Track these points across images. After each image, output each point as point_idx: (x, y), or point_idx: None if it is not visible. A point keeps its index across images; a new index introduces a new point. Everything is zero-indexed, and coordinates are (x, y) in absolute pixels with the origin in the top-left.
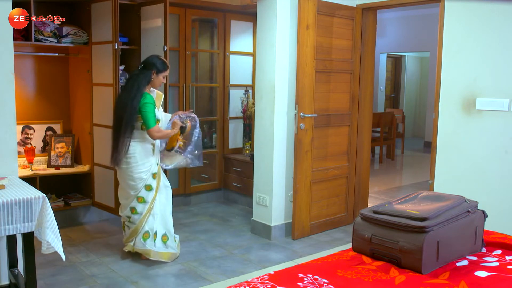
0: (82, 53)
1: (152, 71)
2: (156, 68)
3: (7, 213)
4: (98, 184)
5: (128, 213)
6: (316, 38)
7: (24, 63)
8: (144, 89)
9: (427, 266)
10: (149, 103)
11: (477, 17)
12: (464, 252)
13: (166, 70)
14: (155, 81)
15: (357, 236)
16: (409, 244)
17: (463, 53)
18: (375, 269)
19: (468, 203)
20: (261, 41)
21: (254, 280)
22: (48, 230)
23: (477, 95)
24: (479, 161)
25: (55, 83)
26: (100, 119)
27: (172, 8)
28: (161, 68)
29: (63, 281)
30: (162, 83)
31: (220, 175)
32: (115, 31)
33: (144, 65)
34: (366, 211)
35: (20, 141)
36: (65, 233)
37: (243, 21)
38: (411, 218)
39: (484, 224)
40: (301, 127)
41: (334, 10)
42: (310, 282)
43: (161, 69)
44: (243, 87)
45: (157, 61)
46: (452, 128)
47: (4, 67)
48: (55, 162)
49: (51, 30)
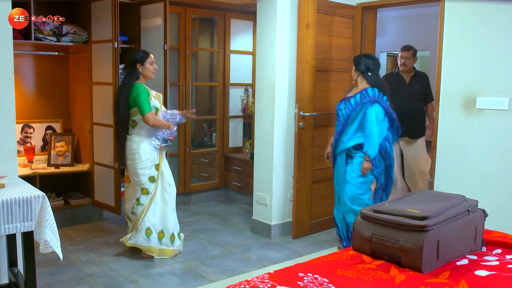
0: (82, 52)
1: (135, 65)
2: (138, 60)
3: (6, 212)
4: (98, 183)
5: (133, 203)
6: (316, 37)
7: (24, 62)
8: (132, 82)
9: (427, 265)
10: (141, 91)
11: (477, 16)
12: (464, 251)
13: (148, 56)
14: (145, 72)
15: (357, 235)
16: (409, 243)
17: (463, 52)
18: (375, 268)
19: (468, 202)
20: (261, 40)
21: (254, 279)
22: (47, 229)
23: (477, 94)
24: (479, 160)
25: (55, 82)
26: (100, 118)
27: (172, 6)
28: (141, 58)
29: (63, 280)
30: (155, 69)
31: (220, 174)
32: (115, 30)
33: (128, 66)
34: (366, 210)
35: (20, 140)
36: (65, 232)
37: (243, 20)
38: (411, 217)
39: (484, 223)
40: (301, 126)
41: (334, 9)
42: (310, 281)
43: (143, 58)
44: (243, 86)
45: (135, 54)
46: (452, 127)
47: (3, 66)
48: (55, 161)
49: (51, 29)
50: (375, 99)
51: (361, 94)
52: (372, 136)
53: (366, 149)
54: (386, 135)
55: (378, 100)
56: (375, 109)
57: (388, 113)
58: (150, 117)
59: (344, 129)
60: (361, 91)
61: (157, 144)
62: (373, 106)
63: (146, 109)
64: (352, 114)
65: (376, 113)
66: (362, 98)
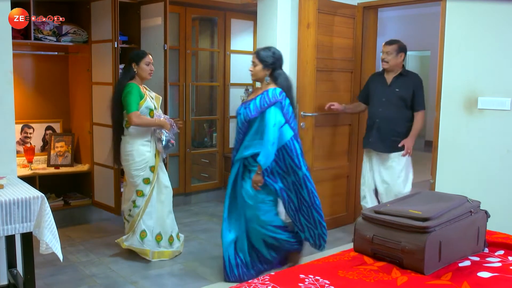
0: (81, 52)
1: (131, 64)
2: (133, 60)
3: (5, 213)
4: (97, 183)
5: (130, 206)
6: (317, 36)
7: (23, 62)
8: (125, 82)
9: (430, 267)
10: (131, 91)
11: (478, 16)
12: (466, 252)
13: (144, 56)
14: (140, 72)
15: (358, 236)
16: (411, 245)
17: (465, 52)
18: (376, 270)
19: (470, 203)
20: (261, 40)
21: (255, 281)
22: (46, 230)
23: (479, 94)
24: (481, 160)
25: (55, 82)
26: (99, 118)
27: (172, 6)
28: (137, 57)
29: (63, 281)
30: (151, 71)
31: (220, 174)
32: (115, 29)
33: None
34: (367, 211)
35: (19, 140)
36: (65, 233)
37: (243, 19)
38: (413, 218)
39: (486, 224)
40: (302, 126)
41: (335, 8)
42: (312, 283)
43: (139, 58)
44: (244, 86)
45: (132, 54)
46: (454, 127)
47: (3, 66)
48: (55, 161)
49: (51, 29)
50: (275, 100)
51: (261, 97)
52: (267, 143)
53: (259, 159)
54: (288, 144)
55: (279, 101)
56: (273, 111)
57: (286, 120)
58: (133, 117)
59: (244, 137)
60: (263, 92)
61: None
62: (271, 108)
63: (131, 108)
64: (251, 120)
65: (275, 116)
66: (261, 101)
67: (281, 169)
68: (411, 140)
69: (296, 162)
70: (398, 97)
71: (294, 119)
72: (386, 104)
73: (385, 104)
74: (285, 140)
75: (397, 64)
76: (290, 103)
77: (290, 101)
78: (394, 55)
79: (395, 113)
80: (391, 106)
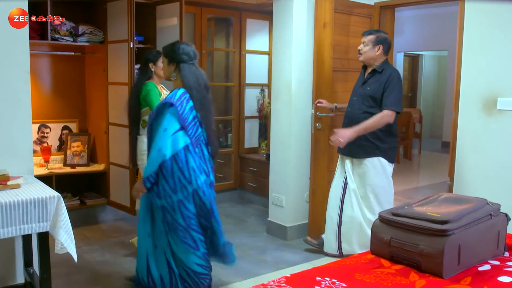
0: (98, 52)
1: (148, 64)
2: (150, 60)
3: (22, 212)
4: (113, 183)
5: None
6: (333, 36)
7: (40, 62)
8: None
9: (448, 271)
10: (151, 90)
11: (497, 16)
12: (486, 256)
13: (160, 56)
14: (157, 72)
15: (375, 239)
16: (430, 248)
17: (484, 51)
18: (394, 273)
19: (490, 206)
20: (277, 40)
21: (270, 283)
22: (62, 230)
23: (498, 94)
24: (500, 162)
25: (71, 82)
26: (115, 118)
27: (187, 6)
28: (153, 57)
29: (78, 280)
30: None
31: (236, 175)
32: (131, 30)
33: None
34: (385, 213)
35: (36, 140)
36: (81, 232)
37: (259, 19)
38: (431, 221)
39: (507, 227)
40: (317, 126)
41: (352, 8)
42: (328, 285)
43: (156, 58)
44: (259, 86)
45: (148, 53)
46: (472, 128)
47: (20, 66)
48: (71, 161)
49: (67, 29)
50: (171, 101)
51: (166, 98)
52: (152, 149)
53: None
54: (179, 155)
55: (173, 102)
56: (167, 114)
57: (183, 127)
58: None
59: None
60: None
61: None
62: (165, 110)
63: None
64: (153, 124)
65: (168, 120)
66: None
67: (169, 186)
68: (350, 133)
69: (187, 175)
70: (368, 96)
71: (199, 125)
72: (356, 103)
73: (355, 103)
74: (176, 150)
75: (372, 57)
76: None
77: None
78: (370, 47)
79: (363, 114)
80: (361, 106)
